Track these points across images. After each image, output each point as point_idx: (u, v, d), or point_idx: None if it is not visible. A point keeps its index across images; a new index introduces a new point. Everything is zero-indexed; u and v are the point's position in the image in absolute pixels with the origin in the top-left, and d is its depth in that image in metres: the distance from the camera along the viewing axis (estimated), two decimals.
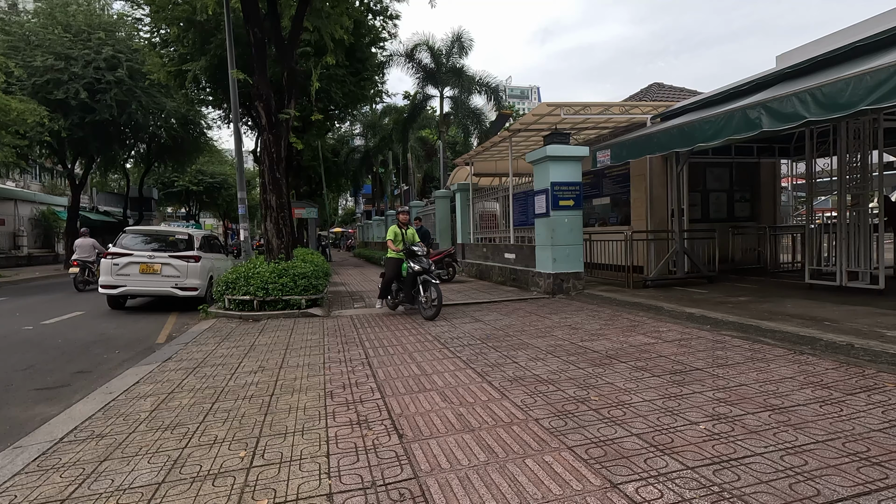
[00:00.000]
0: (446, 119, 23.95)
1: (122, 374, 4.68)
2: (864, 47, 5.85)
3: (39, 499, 2.40)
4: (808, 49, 7.18)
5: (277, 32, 9.33)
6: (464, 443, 2.88)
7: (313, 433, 3.08)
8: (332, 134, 29.02)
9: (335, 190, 40.25)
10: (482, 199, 13.65)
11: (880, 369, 3.99)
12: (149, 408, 3.66)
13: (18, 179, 28.10)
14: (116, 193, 37.49)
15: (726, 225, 11.04)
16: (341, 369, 4.57)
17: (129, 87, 17.67)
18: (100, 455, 2.87)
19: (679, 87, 13.71)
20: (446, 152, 25.39)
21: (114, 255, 8.81)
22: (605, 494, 2.27)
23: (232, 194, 39.13)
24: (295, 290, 7.91)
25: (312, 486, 2.43)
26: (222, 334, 6.45)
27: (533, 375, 4.14)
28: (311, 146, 22.74)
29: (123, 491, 2.44)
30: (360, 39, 13.67)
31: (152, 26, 13.37)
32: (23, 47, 16.89)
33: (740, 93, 7.77)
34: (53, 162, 25.19)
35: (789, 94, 5.41)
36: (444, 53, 22.10)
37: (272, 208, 9.08)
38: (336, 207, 58.80)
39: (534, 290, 9.58)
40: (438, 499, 2.28)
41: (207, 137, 25.08)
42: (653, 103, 10.11)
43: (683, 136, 7.04)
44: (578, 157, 9.09)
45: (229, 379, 4.35)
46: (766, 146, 11.13)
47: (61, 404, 4.02)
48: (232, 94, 9.29)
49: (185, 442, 3.01)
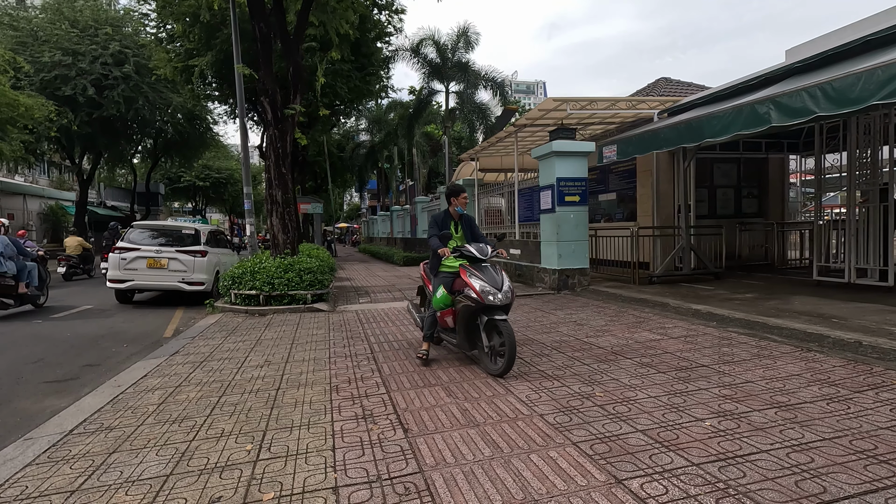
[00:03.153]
0: (452, 114, 23.89)
1: (130, 368, 4.73)
2: (875, 41, 5.76)
3: (50, 490, 2.43)
4: (819, 43, 7.09)
5: (283, 27, 9.31)
6: (468, 438, 2.88)
7: (319, 427, 3.10)
8: (337, 129, 29.02)
9: (340, 185, 40.35)
10: (487, 195, 13.62)
11: (888, 367, 3.96)
12: (156, 401, 3.70)
13: (27, 174, 28.33)
14: (123, 189, 37.71)
15: (733, 221, 10.96)
16: (347, 364, 4.59)
17: (136, 83, 17.74)
18: (108, 447, 2.90)
19: (687, 82, 13.59)
20: (451, 148, 25.34)
21: (121, 249, 8.88)
22: (610, 490, 2.27)
23: (238, 189, 39.31)
24: (301, 285, 7.94)
25: (318, 479, 2.45)
26: (229, 329, 6.49)
27: (538, 371, 4.14)
28: (317, 141, 22.76)
29: (132, 483, 2.47)
30: (366, 34, 13.63)
31: (158, 21, 13.40)
32: (30, 43, 16.99)
33: (749, 87, 7.69)
34: (61, 157, 25.38)
35: (799, 88, 5.35)
36: (449, 48, 22.03)
37: (278, 203, 9.10)
38: (341, 203, 58.93)
39: (539, 286, 9.56)
40: (443, 493, 2.29)
41: (213, 133, 25.20)
42: (660, 98, 10.04)
43: (691, 132, 6.99)
44: (584, 152, 9.04)
45: (236, 373, 4.39)
46: (775, 142, 11.03)
47: (70, 397, 4.07)
48: (238, 89, 9.30)
49: (193, 435, 3.03)
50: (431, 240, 4.46)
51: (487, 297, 3.95)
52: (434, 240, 4.43)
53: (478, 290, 3.96)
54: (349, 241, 48.00)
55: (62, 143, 20.02)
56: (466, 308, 4.11)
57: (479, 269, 4.15)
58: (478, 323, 4.16)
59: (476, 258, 4.23)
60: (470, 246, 4.34)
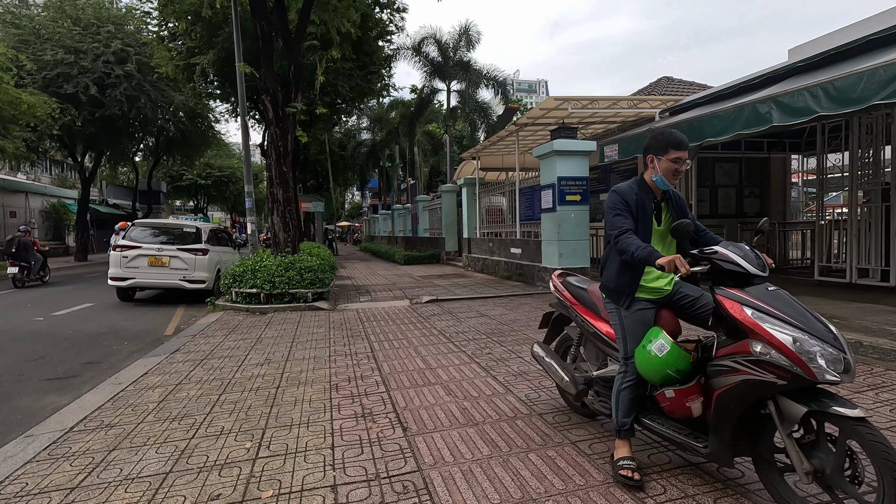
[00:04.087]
0: (453, 113, 23.87)
1: (131, 366, 4.74)
2: (878, 41, 5.74)
3: (50, 486, 2.44)
4: (821, 42, 7.07)
5: (284, 26, 9.32)
6: (467, 437, 2.89)
7: (318, 425, 3.11)
8: (338, 128, 29.02)
9: (342, 184, 40.36)
10: (489, 194, 13.62)
11: (889, 367, 3.96)
12: (157, 399, 3.71)
13: (29, 172, 28.39)
14: (125, 187, 37.77)
15: (735, 221, 10.94)
16: (347, 362, 4.59)
17: (138, 82, 17.76)
18: (109, 444, 2.91)
19: (689, 81, 13.57)
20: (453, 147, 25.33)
21: (123, 247, 8.90)
22: (609, 489, 2.28)
23: (239, 188, 39.32)
24: (301, 284, 7.95)
25: (317, 477, 2.46)
26: (229, 327, 6.50)
27: (537, 370, 4.14)
28: (318, 140, 22.76)
29: (132, 480, 2.48)
30: (367, 33, 13.62)
31: (160, 20, 13.41)
32: (33, 41, 17.00)
33: (751, 87, 7.67)
34: (63, 155, 25.43)
35: (801, 88, 5.33)
36: (451, 47, 22.00)
37: (279, 202, 9.12)
38: (343, 201, 58.96)
39: (539, 286, 9.56)
40: (442, 492, 2.29)
41: (215, 131, 25.20)
42: (662, 97, 10.02)
43: (692, 131, 6.98)
44: (585, 151, 9.04)
45: (236, 371, 4.40)
46: (777, 141, 10.99)
47: (71, 394, 4.08)
48: (239, 87, 9.31)
49: (193, 433, 3.04)
50: (624, 238, 2.31)
51: (819, 365, 1.82)
52: (630, 238, 2.30)
53: (795, 351, 1.85)
54: (350, 240, 48.04)
55: (64, 141, 20.05)
56: (751, 385, 1.98)
57: (766, 297, 2.05)
58: (764, 411, 2.06)
59: (745, 273, 2.11)
60: (726, 249, 2.18)
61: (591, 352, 2.97)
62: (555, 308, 3.24)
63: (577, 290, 2.97)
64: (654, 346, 2.23)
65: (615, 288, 2.46)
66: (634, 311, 2.40)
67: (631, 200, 2.41)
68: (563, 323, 3.25)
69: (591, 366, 2.94)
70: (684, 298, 2.43)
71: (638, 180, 2.50)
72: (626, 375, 2.40)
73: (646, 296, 2.43)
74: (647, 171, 2.49)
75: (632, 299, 2.42)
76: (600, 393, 2.79)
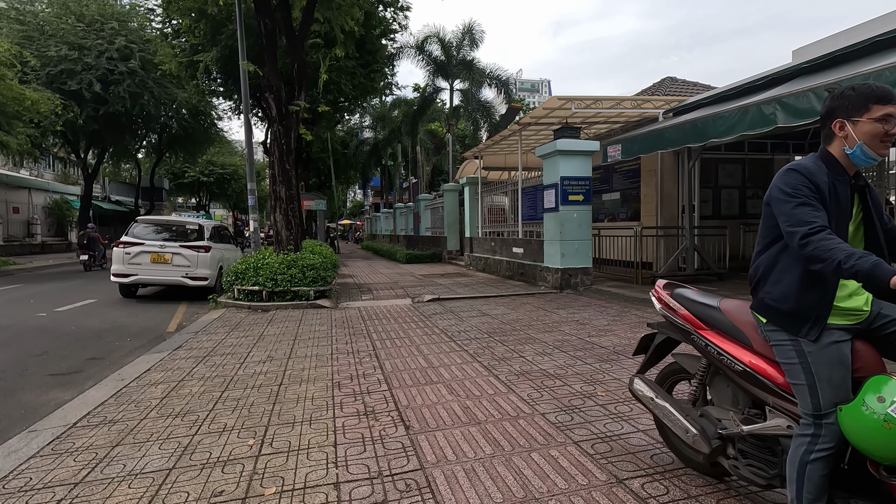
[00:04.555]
0: (456, 112, 23.88)
1: (134, 362, 4.75)
2: (883, 42, 5.72)
3: (54, 482, 2.45)
4: (826, 44, 7.05)
5: (288, 23, 9.32)
6: (470, 435, 2.89)
7: (321, 423, 3.11)
8: (341, 126, 29.05)
9: (344, 182, 40.33)
10: (491, 193, 13.61)
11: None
12: (160, 395, 3.72)
13: (32, 168, 28.47)
14: (128, 183, 37.87)
15: (738, 222, 10.92)
16: (349, 360, 4.60)
17: (141, 79, 17.80)
18: (112, 440, 2.92)
19: (692, 82, 13.54)
20: (455, 146, 25.34)
21: (126, 244, 8.92)
22: (611, 489, 2.27)
23: (242, 185, 39.34)
24: (303, 282, 7.96)
25: (320, 474, 2.46)
26: (232, 324, 6.51)
27: (540, 370, 4.14)
28: (321, 138, 22.77)
29: (135, 476, 2.48)
30: (371, 31, 13.64)
31: (164, 17, 13.45)
32: (37, 37, 17.05)
33: (755, 88, 7.65)
34: (66, 151, 25.50)
35: (805, 89, 5.32)
36: (454, 46, 21.99)
37: (281, 200, 9.13)
38: (345, 200, 58.99)
39: (541, 285, 9.56)
40: (444, 490, 2.30)
41: (218, 128, 25.29)
42: (665, 98, 10.00)
43: (696, 132, 6.96)
44: (588, 151, 9.03)
45: (238, 368, 4.40)
46: (781, 142, 10.96)
47: (74, 390, 4.09)
48: (242, 85, 9.32)
49: (195, 429, 3.05)
50: (821, 240, 1.57)
51: None
52: (831, 240, 1.56)
53: None
54: (352, 238, 48.09)
55: (67, 137, 20.12)
56: None
57: None
58: None
59: None
60: None
61: (726, 393, 2.19)
62: (658, 329, 2.50)
63: (700, 308, 2.19)
64: (891, 405, 1.45)
65: (793, 310, 1.72)
66: (826, 344, 1.67)
67: (822, 183, 1.68)
68: (667, 348, 2.54)
69: (725, 411, 2.14)
70: (891, 325, 1.74)
71: (822, 155, 1.76)
72: (816, 441, 1.65)
73: (840, 321, 1.71)
74: (830, 143, 1.75)
75: (823, 327, 1.69)
76: (748, 454, 2.00)
